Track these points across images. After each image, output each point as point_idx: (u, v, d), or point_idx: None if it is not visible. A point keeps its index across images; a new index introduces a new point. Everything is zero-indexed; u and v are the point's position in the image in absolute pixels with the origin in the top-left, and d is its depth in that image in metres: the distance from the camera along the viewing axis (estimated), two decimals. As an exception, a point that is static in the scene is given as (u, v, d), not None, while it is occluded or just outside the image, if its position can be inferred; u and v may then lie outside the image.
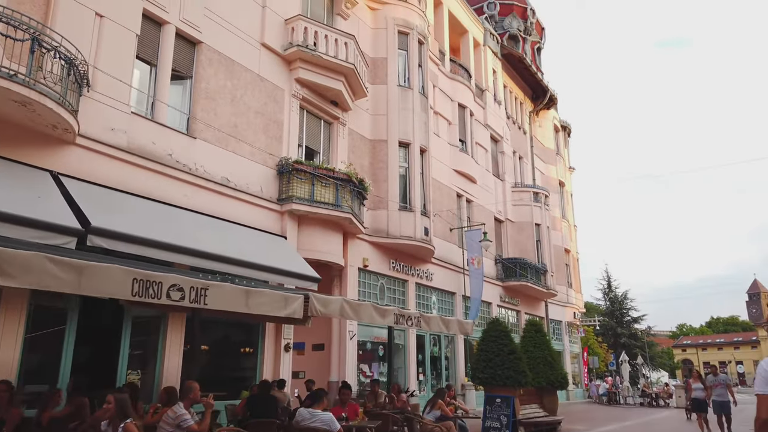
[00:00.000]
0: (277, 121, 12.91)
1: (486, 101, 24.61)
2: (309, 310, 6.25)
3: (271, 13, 13.05)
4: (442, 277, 18.83)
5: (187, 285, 4.79)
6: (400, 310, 7.99)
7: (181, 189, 10.37)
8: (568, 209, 33.90)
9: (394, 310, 7.77)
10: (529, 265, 23.83)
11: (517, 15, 33.35)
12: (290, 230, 12.51)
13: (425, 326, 8.59)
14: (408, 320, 8.00)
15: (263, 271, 10.41)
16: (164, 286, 4.58)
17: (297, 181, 12.52)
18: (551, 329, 27.86)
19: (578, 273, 34.39)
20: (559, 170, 32.33)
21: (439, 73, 20.78)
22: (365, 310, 7.18)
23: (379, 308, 7.47)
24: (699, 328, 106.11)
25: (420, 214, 16.28)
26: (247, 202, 11.77)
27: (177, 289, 4.67)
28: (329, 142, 14.80)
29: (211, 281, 5.25)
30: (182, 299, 4.73)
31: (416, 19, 17.62)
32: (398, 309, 7.93)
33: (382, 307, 7.66)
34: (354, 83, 14.49)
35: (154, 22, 10.51)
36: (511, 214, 25.55)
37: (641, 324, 56.91)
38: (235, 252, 10.16)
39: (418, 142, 16.73)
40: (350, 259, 14.42)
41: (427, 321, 8.53)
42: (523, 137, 29.22)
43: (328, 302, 6.43)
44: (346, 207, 13.09)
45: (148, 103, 10.41)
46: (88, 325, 8.67)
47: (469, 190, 21.74)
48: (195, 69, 11.26)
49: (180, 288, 4.71)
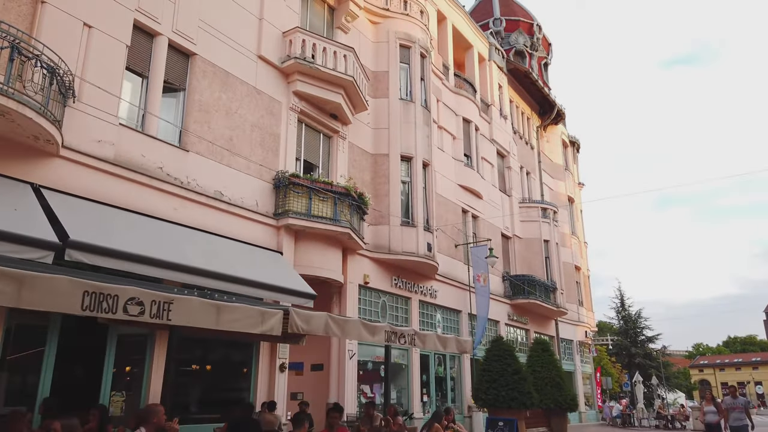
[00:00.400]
0: (273, 135, 12.64)
1: (492, 116, 24.30)
2: (289, 327, 5.84)
3: (269, 25, 12.86)
4: (447, 294, 18.32)
5: (148, 298, 4.42)
6: (392, 327, 7.54)
7: (171, 203, 10.06)
8: (578, 225, 33.27)
9: (385, 327, 7.33)
10: (538, 282, 23.24)
11: (523, 31, 33.18)
12: (287, 246, 12.15)
13: (420, 344, 8.14)
14: (401, 338, 7.54)
15: (256, 287, 10.05)
16: (120, 300, 4.21)
17: (294, 195, 12.20)
18: (562, 349, 27.11)
19: (589, 291, 33.63)
20: (568, 186, 31.81)
21: (443, 88, 20.53)
22: (353, 327, 6.76)
23: (368, 325, 7.03)
24: (716, 348, 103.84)
25: (423, 230, 15.87)
26: (242, 216, 11.44)
27: (136, 303, 4.30)
28: (329, 156, 14.50)
29: (176, 294, 4.87)
30: (141, 314, 4.35)
31: (418, 32, 17.42)
32: (390, 326, 7.48)
33: (372, 323, 7.22)
34: (354, 96, 14.23)
35: (145, 33, 10.31)
36: (519, 231, 25.03)
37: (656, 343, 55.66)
38: (227, 267, 9.81)
39: (420, 156, 16.39)
40: (350, 276, 14.00)
41: (422, 339, 8.07)
42: (530, 152, 28.82)
43: (310, 318, 6.02)
44: (345, 221, 12.73)
45: (138, 115, 10.17)
46: (70, 344, 8.31)
47: (474, 205, 21.32)
48: (188, 81, 11.04)
49: (139, 302, 4.34)
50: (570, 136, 34.41)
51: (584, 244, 34.49)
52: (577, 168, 35.78)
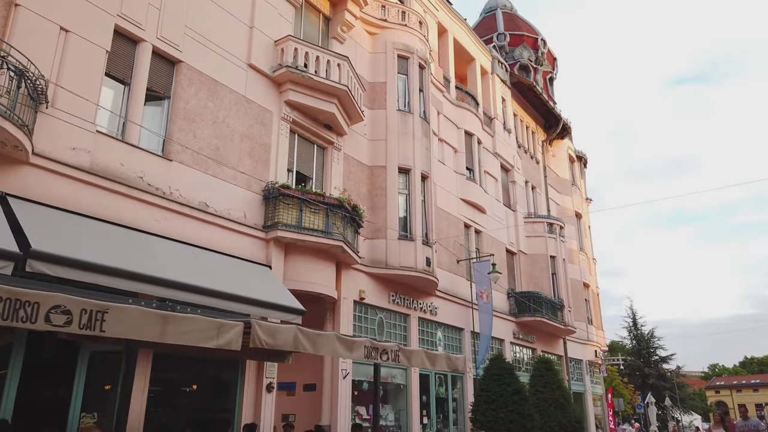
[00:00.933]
0: (264, 145, 12.24)
1: (495, 129, 23.85)
2: (252, 341, 5.33)
3: (260, 34, 12.56)
4: (449, 311, 17.69)
5: (77, 307, 3.95)
6: (372, 342, 6.99)
7: (152, 213, 9.64)
8: (586, 242, 32.50)
9: (364, 342, 6.78)
10: (544, 299, 22.51)
11: (527, 45, 32.88)
12: (276, 259, 11.67)
13: (405, 361, 7.57)
14: (383, 354, 6.98)
15: (240, 302, 9.57)
16: (42, 308, 3.74)
17: (284, 206, 11.74)
18: (571, 369, 26.22)
19: (599, 309, 32.73)
20: (575, 201, 31.14)
21: (443, 100, 20.14)
22: (326, 342, 6.22)
23: (345, 339, 6.49)
24: (732, 369, 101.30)
25: (421, 244, 15.33)
26: (228, 228, 10.99)
27: (61, 312, 3.83)
28: (323, 168, 14.08)
29: (112, 303, 4.38)
30: (68, 324, 3.87)
31: (417, 43, 17.09)
32: (370, 340, 6.93)
33: (349, 338, 6.67)
34: (349, 106, 13.85)
35: (128, 39, 10.00)
36: (524, 246, 24.39)
37: (670, 364, 54.24)
38: (209, 281, 9.34)
39: (419, 168, 15.92)
40: (344, 291, 13.46)
41: (407, 355, 7.50)
42: (535, 167, 28.28)
43: (276, 331, 5.50)
44: (338, 234, 12.23)
45: (119, 122, 9.82)
46: (37, 363, 7.84)
47: (477, 220, 20.75)
48: (173, 89, 10.69)
49: (66, 310, 3.86)
50: (577, 151, 33.83)
51: (593, 261, 33.68)
52: (584, 183, 35.14)
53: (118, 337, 4.37)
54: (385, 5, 16.92)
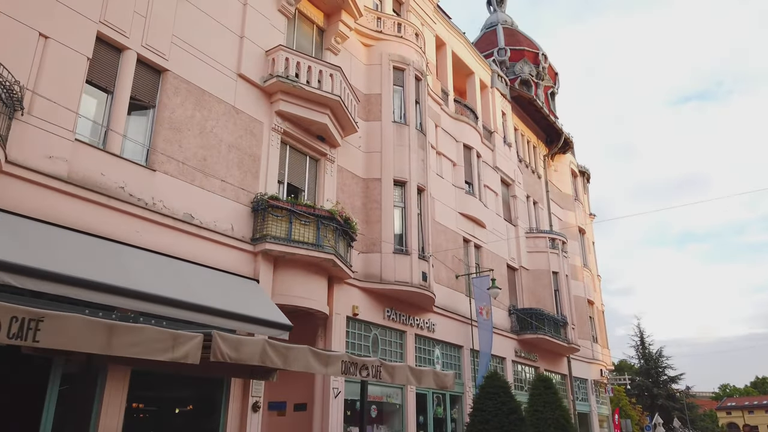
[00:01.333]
0: (253, 156, 11.96)
1: (495, 143, 23.55)
2: (212, 354, 4.94)
3: (250, 44, 12.35)
4: (447, 328, 17.20)
5: (6, 314, 3.59)
6: (351, 357, 6.56)
7: (133, 225, 9.31)
8: (590, 258, 31.97)
9: (342, 357, 6.36)
10: (547, 316, 21.96)
11: (528, 60, 32.72)
12: (264, 273, 11.30)
13: (387, 377, 7.12)
14: (362, 370, 6.56)
15: (223, 317, 9.21)
16: (-38, 317, 3.40)
17: (273, 218, 11.41)
18: (576, 388, 25.54)
19: (604, 327, 32.07)
20: (578, 216, 30.68)
21: (442, 113, 19.88)
22: (298, 356, 5.81)
23: (319, 353, 6.08)
24: (744, 389, 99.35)
25: (417, 258, 14.92)
26: (214, 241, 10.65)
27: (-15, 321, 3.47)
28: (315, 180, 13.77)
29: (49, 310, 4.03)
30: (-6, 335, 3.52)
31: (413, 54, 16.88)
32: (348, 355, 6.51)
33: (324, 351, 6.26)
34: (342, 117, 13.58)
35: (111, 46, 9.79)
36: (526, 262, 23.92)
37: (679, 384, 53.15)
38: (190, 295, 8.98)
39: (415, 180, 15.58)
40: (336, 307, 13.04)
41: (390, 371, 7.06)
42: (537, 182, 27.91)
43: (240, 344, 5.11)
44: (329, 247, 11.86)
45: (101, 131, 9.55)
46: (2, 380, 7.46)
47: (477, 234, 20.35)
48: (159, 98, 10.44)
49: (-9, 319, 3.51)
50: (579, 166, 33.48)
51: (597, 278, 33.10)
52: (587, 198, 34.72)
53: (56, 348, 4.01)
54: (381, 17, 16.77)
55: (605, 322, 32.80)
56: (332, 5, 14.84)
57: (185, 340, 4.66)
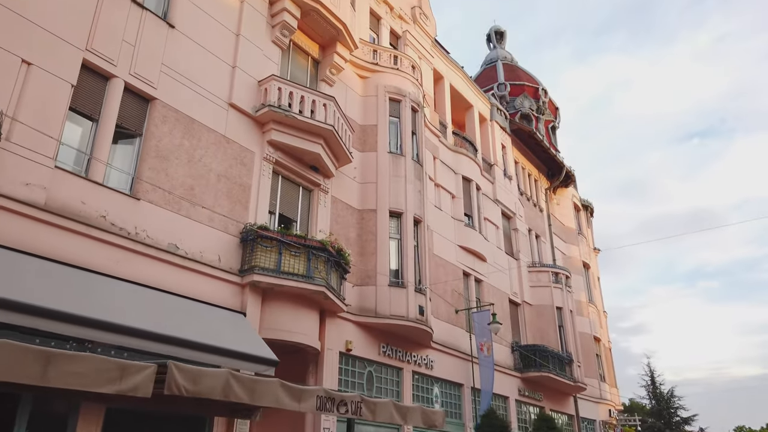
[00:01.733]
0: (243, 186, 11.71)
1: (495, 176, 23.32)
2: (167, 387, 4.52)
3: (242, 73, 12.26)
4: (446, 365, 16.58)
5: None
6: (327, 392, 6.09)
7: (112, 254, 8.98)
8: (596, 293, 31.28)
9: (317, 391, 5.90)
10: (551, 353, 21.24)
11: (528, 95, 32.90)
12: (252, 306, 10.88)
13: (368, 414, 6.61)
14: (341, 405, 6.08)
15: (202, 351, 8.76)
16: None
17: (262, 249, 11.06)
18: (583, 429, 24.53)
19: (612, 365, 31.11)
20: (582, 251, 30.16)
21: (440, 145, 19.73)
22: (266, 390, 5.36)
23: (291, 387, 5.62)
24: (760, 430, 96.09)
25: (414, 291, 14.47)
26: (200, 272, 10.28)
27: None
28: (308, 211, 13.47)
29: None
30: None
31: (409, 86, 16.82)
32: (325, 390, 6.05)
33: (296, 386, 5.80)
34: (336, 147, 13.38)
35: (98, 74, 9.66)
36: (529, 297, 23.34)
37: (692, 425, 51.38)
38: (169, 328, 8.57)
39: (411, 211, 15.27)
40: (329, 342, 12.55)
41: (372, 408, 6.56)
42: (539, 215, 27.55)
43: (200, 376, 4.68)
44: (320, 279, 11.46)
45: (84, 159, 9.33)
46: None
47: (477, 268, 19.89)
48: (146, 126, 10.25)
49: None
50: (582, 200, 33.14)
51: (604, 314, 32.32)
52: (591, 233, 34.24)
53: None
54: (377, 50, 16.79)
55: (613, 359, 31.85)
56: (327, 37, 14.85)
57: (135, 371, 4.26)
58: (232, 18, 12.45)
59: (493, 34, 37.57)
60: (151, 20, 10.63)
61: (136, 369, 4.30)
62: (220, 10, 12.20)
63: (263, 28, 13.19)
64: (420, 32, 20.34)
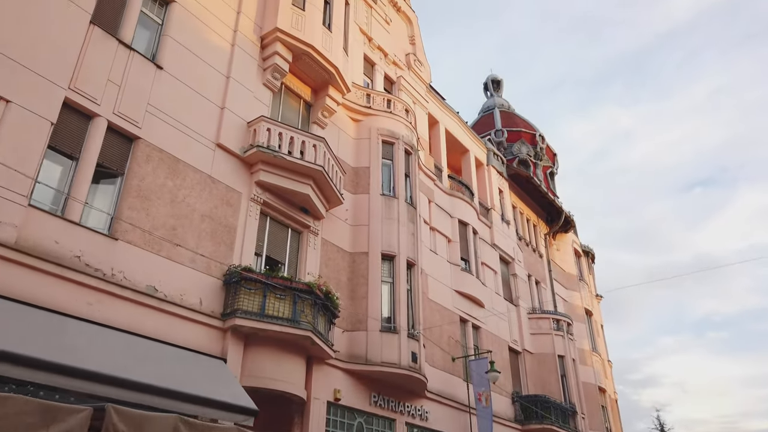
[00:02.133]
0: (229, 227, 11.42)
1: (492, 220, 23.04)
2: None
3: (231, 114, 12.18)
4: (442, 416, 15.81)
5: None
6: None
7: (86, 296, 8.61)
8: (600, 342, 30.40)
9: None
10: (553, 404, 20.37)
11: (525, 141, 32.95)
12: (233, 351, 10.39)
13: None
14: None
15: (175, 399, 8.23)
16: None
17: (245, 292, 10.66)
18: (591, 486, 23.28)
19: (618, 417, 29.88)
20: (584, 297, 29.51)
21: (435, 189, 19.56)
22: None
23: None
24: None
25: (407, 337, 13.92)
26: (179, 316, 9.87)
27: None
28: (297, 253, 13.13)
29: None
30: None
31: (402, 129, 16.77)
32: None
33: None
34: (326, 188, 13.17)
35: (80, 113, 9.55)
36: (529, 344, 22.61)
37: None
38: (141, 374, 8.09)
39: (404, 255, 14.90)
40: (315, 391, 11.94)
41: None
42: (539, 261, 27.09)
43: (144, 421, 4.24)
44: (306, 323, 11.00)
45: (62, 198, 9.10)
46: None
47: (475, 314, 19.33)
48: (129, 165, 10.06)
49: None
50: (583, 246, 32.71)
51: (608, 363, 31.32)
52: (593, 279, 33.64)
53: None
54: (371, 94, 16.84)
55: (620, 412, 30.64)
56: (319, 81, 14.90)
57: (65, 415, 3.85)
58: (222, 60, 12.48)
59: (489, 83, 38.07)
60: (139, 61, 10.62)
61: (67, 413, 3.88)
62: (210, 53, 12.24)
63: (254, 71, 13.22)
64: (414, 78, 20.53)
